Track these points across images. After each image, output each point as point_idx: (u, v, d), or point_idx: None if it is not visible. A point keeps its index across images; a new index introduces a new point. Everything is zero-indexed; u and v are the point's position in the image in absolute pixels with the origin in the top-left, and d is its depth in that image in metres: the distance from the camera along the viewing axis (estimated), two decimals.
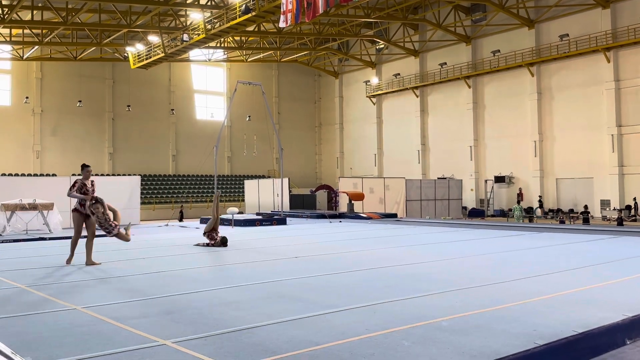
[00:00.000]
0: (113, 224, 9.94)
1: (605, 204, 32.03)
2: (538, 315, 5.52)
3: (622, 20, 31.74)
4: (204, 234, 13.21)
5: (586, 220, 27.28)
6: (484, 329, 5.06)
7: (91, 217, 9.83)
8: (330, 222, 22.88)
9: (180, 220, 31.27)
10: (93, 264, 9.80)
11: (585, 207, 30.06)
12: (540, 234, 15.65)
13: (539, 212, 34.15)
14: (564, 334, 4.80)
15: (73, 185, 9.90)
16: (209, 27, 32.56)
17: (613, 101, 31.75)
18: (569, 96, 34.08)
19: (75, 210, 9.90)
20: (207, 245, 12.92)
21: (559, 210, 33.28)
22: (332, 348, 4.52)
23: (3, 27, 32.73)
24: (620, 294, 6.70)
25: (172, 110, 44.83)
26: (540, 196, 34.55)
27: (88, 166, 10.09)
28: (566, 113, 34.16)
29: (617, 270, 8.66)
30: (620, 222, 26.00)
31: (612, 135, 31.73)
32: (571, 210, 32.68)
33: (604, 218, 30.65)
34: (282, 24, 23.76)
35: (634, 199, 30.94)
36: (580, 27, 33.42)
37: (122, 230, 10.16)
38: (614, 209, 30.39)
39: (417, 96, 43.22)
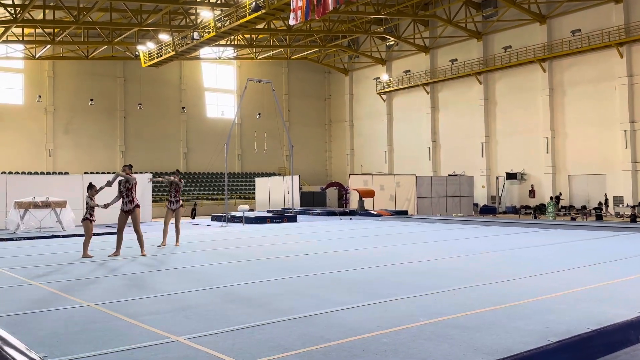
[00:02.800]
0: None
1: (618, 200, 31.76)
2: (551, 312, 5.49)
3: (635, 15, 31.39)
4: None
5: (599, 217, 27.05)
6: (496, 325, 5.05)
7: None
8: (341, 219, 22.89)
9: (193, 217, 31.43)
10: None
11: (600, 203, 29.79)
12: (553, 230, 15.56)
13: None
14: (577, 331, 4.78)
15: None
16: (219, 25, 32.62)
17: (626, 97, 31.42)
18: (581, 92, 33.78)
19: (138, 206, 11.14)
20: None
21: (571, 206, 33.04)
22: (344, 345, 4.53)
23: (15, 27, 32.99)
24: (633, 291, 6.65)
25: (183, 108, 44.98)
26: (560, 193, 34.16)
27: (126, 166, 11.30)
28: (578, 109, 33.88)
29: (631, 267, 8.59)
30: (633, 218, 25.78)
31: (625, 131, 31.41)
32: (584, 207, 32.43)
33: (617, 215, 30.40)
34: (292, 22, 23.79)
35: (605, 195, 31.56)
36: (593, 22, 33.10)
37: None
38: (627, 205, 30.14)
39: (427, 93, 43.05)
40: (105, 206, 11.04)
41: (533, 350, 4.31)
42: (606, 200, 31.55)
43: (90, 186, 11.28)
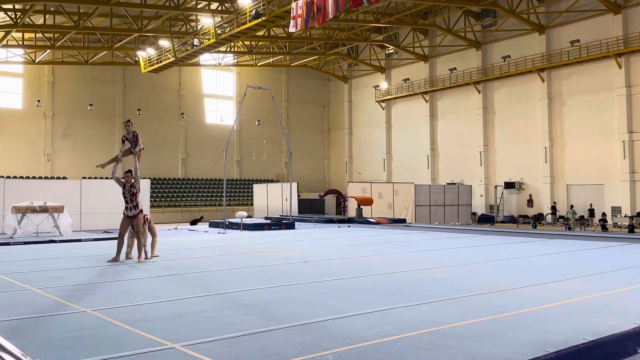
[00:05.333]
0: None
1: (616, 210, 31.78)
2: (548, 323, 5.48)
3: (633, 26, 31.54)
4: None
5: (604, 228, 27.03)
6: (493, 335, 5.03)
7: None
8: (339, 226, 22.86)
9: (193, 223, 31.34)
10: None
11: (603, 214, 29.77)
12: (550, 240, 15.55)
13: (549, 218, 33.91)
14: (574, 341, 4.77)
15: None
16: (219, 31, 32.70)
17: (624, 107, 31.51)
18: (579, 102, 33.87)
19: (142, 211, 11.29)
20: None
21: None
22: (341, 353, 4.51)
23: (16, 31, 33.05)
24: (631, 301, 6.64)
25: (182, 114, 45.02)
26: (555, 202, 34.23)
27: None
28: (577, 119, 33.96)
29: (628, 277, 8.59)
30: (631, 229, 25.77)
31: (624, 141, 31.47)
32: (582, 217, 32.43)
33: (614, 225, 30.40)
34: (292, 29, 23.83)
35: (590, 205, 32.02)
36: (591, 32, 33.24)
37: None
38: (625, 216, 30.15)
39: (426, 101, 43.14)
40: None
41: None
42: (591, 210, 31.72)
43: (127, 123, 11.59)
